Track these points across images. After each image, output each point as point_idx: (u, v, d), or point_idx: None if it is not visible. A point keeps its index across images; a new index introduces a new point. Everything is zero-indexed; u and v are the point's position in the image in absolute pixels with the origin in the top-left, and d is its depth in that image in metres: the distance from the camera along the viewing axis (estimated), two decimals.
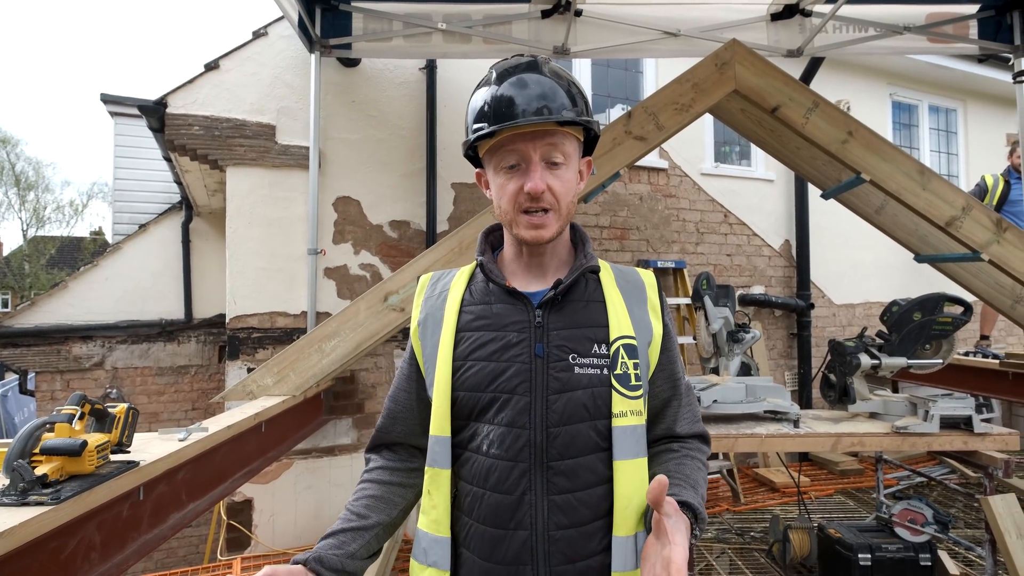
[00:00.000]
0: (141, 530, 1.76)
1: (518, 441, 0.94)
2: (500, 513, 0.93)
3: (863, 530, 2.90)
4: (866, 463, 5.08)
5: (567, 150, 0.99)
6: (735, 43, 3.12)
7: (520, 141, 0.96)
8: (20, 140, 36.24)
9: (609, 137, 3.09)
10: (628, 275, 1.10)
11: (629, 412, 0.96)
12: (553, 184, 0.97)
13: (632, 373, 0.97)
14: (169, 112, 3.68)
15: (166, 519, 1.90)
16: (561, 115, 0.94)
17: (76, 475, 1.45)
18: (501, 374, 0.97)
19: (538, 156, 0.97)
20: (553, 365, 0.97)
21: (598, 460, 0.95)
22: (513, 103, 0.94)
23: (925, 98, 6.36)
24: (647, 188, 5.07)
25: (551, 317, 1.00)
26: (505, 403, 0.96)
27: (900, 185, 2.99)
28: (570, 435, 0.94)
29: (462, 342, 1.01)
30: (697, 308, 2.88)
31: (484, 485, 0.95)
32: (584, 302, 1.03)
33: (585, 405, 0.95)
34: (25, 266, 28.00)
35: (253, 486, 3.62)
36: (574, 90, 0.99)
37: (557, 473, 0.93)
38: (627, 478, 0.94)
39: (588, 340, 0.98)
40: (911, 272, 5.84)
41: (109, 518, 1.59)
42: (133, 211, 6.61)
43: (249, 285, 3.72)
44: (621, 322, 1.00)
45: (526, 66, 0.99)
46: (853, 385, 2.72)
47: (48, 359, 5.64)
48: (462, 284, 1.09)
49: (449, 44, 3.83)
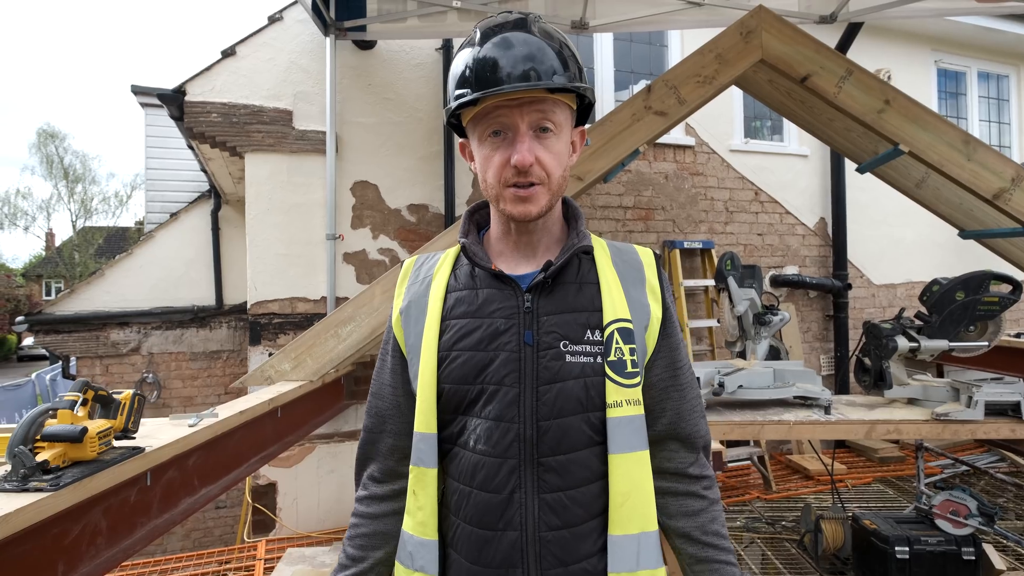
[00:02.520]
0: (151, 515, 1.77)
1: (506, 436, 0.88)
2: (488, 513, 0.88)
3: (901, 521, 2.76)
4: (907, 450, 4.87)
5: (558, 119, 0.90)
6: (761, 9, 2.94)
7: (506, 109, 0.88)
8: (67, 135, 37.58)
9: (628, 112, 2.97)
10: (625, 253, 1.02)
11: (625, 401, 0.89)
12: (542, 156, 0.89)
13: (628, 359, 0.90)
14: (188, 100, 3.70)
15: (177, 504, 1.91)
16: (552, 80, 0.86)
17: (79, 461, 1.45)
18: (488, 364, 0.91)
19: (526, 125, 0.88)
20: (543, 354, 0.90)
21: (592, 455, 0.89)
22: (497, 66, 0.86)
23: (974, 64, 5.95)
24: (673, 166, 4.90)
25: (541, 302, 0.93)
26: (492, 395, 0.90)
27: (942, 156, 2.79)
28: (562, 429, 0.88)
29: (447, 331, 0.95)
30: (721, 289, 2.76)
31: (471, 483, 0.90)
32: (577, 284, 0.95)
33: (577, 396, 0.89)
34: (75, 256, 29.22)
35: (276, 470, 3.67)
36: (566, 52, 0.90)
37: (548, 470, 0.87)
38: (623, 473, 0.87)
39: (580, 326, 0.91)
40: (956, 250, 5.54)
41: (116, 503, 1.59)
42: (165, 200, 6.76)
43: (269, 271, 3.74)
44: (616, 305, 0.93)
45: (513, 24, 0.89)
46: (889, 369, 2.57)
47: (88, 344, 5.84)
48: (447, 268, 1.02)
49: (465, 22, 3.74)
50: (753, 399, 2.67)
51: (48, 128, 31.83)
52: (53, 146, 30.61)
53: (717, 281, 2.73)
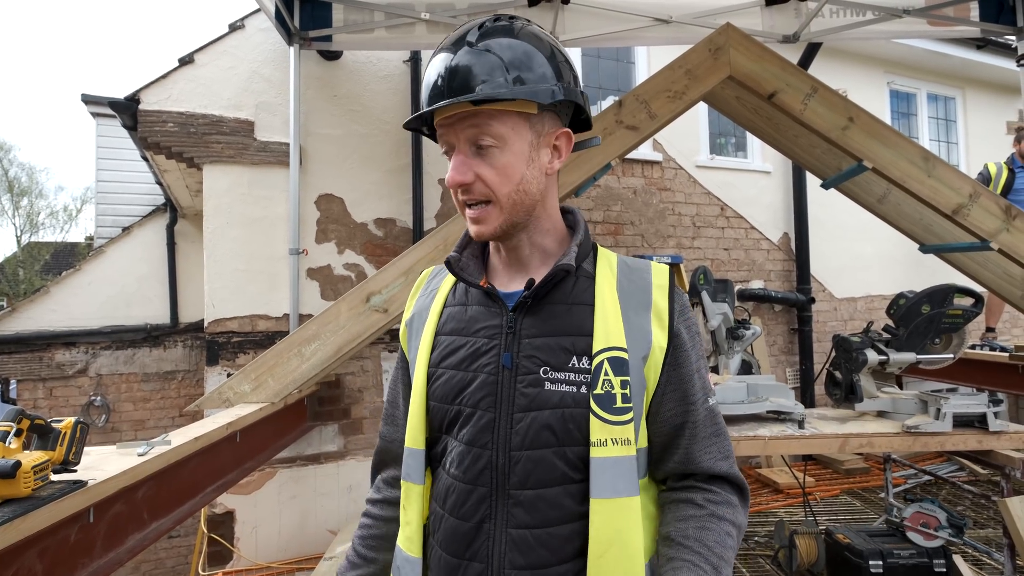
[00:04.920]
0: (94, 555, 1.62)
1: (478, 462, 0.83)
2: (456, 540, 0.83)
3: (873, 535, 2.77)
4: (872, 461, 4.95)
5: (498, 131, 0.82)
6: (729, 27, 2.99)
7: (445, 127, 0.85)
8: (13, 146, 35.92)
9: (599, 127, 2.96)
10: (635, 272, 0.92)
11: (611, 440, 0.80)
12: (483, 172, 0.83)
13: (618, 393, 0.81)
14: (142, 109, 3.54)
15: (124, 541, 1.76)
16: (476, 92, 0.79)
17: (11, 499, 1.32)
18: (468, 385, 0.86)
19: (463, 142, 0.84)
20: (521, 378, 0.84)
21: (565, 494, 0.81)
22: (431, 83, 0.83)
23: (923, 86, 6.23)
24: (641, 182, 4.93)
25: (525, 322, 0.87)
26: (468, 418, 0.85)
27: (904, 172, 2.86)
28: (532, 461, 0.81)
29: (437, 347, 0.92)
30: (695, 304, 2.75)
31: (443, 506, 0.86)
32: (567, 305, 0.87)
33: (552, 428, 0.81)
34: (19, 272, 27.79)
35: (234, 497, 3.47)
36: (513, 56, 0.81)
37: (517, 504, 0.81)
38: (605, 520, 0.79)
39: (565, 351, 0.84)
40: (913, 264, 5.72)
41: (53, 544, 1.45)
42: (117, 214, 6.46)
43: (228, 287, 3.58)
44: (611, 331, 0.84)
45: (463, 34, 0.83)
46: (860, 382, 2.59)
47: (30, 366, 5.50)
48: (450, 281, 0.99)
49: (433, 35, 3.69)
50: (728, 414, 2.65)
51: None
52: None
53: (691, 295, 2.72)
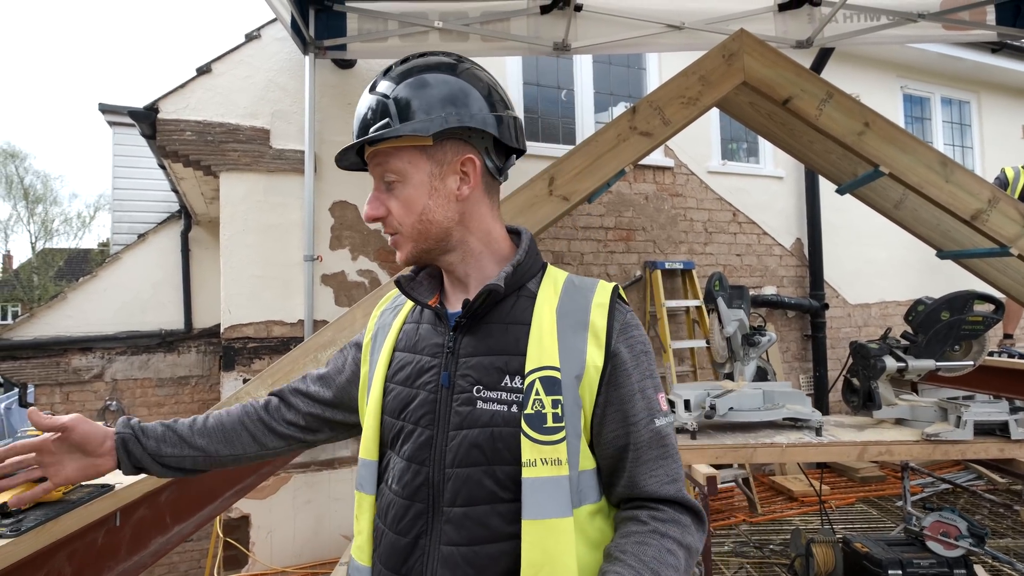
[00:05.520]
0: (119, 558, 1.64)
1: (416, 479, 0.86)
2: (394, 555, 0.86)
3: (892, 544, 2.74)
4: (888, 470, 4.90)
5: (397, 166, 0.88)
6: (743, 33, 2.98)
7: (369, 164, 0.93)
8: (28, 154, 36.53)
9: (613, 133, 2.96)
10: (578, 291, 0.90)
11: (540, 460, 0.79)
12: (390, 206, 0.90)
13: (549, 413, 0.80)
14: (160, 118, 3.58)
15: (147, 544, 1.78)
16: (368, 133, 0.87)
17: (42, 502, 1.33)
18: (411, 402, 0.89)
19: (377, 178, 0.92)
20: (456, 397, 0.86)
21: (494, 513, 0.81)
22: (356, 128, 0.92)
23: (937, 90, 6.18)
24: (653, 187, 4.93)
25: (464, 341, 0.89)
26: (409, 435, 0.88)
27: (922, 177, 2.83)
28: (461, 479, 0.83)
29: (392, 363, 0.95)
30: (710, 310, 2.74)
31: (385, 521, 0.89)
32: (503, 324, 0.88)
33: (480, 446, 0.82)
34: (34, 278, 28.16)
35: (250, 502, 3.49)
36: (405, 93, 0.86)
37: (448, 521, 0.82)
38: (535, 542, 0.77)
39: (498, 370, 0.85)
40: (927, 270, 5.67)
41: (81, 547, 1.47)
42: (132, 220, 6.54)
43: (244, 294, 3.61)
44: (544, 350, 0.83)
45: (379, 78, 0.91)
46: (878, 390, 2.57)
47: (47, 371, 5.56)
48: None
49: (446, 43, 3.72)
50: (744, 421, 2.64)
51: (8, 148, 30.83)
52: (13, 166, 29.69)
53: (707, 302, 2.71)
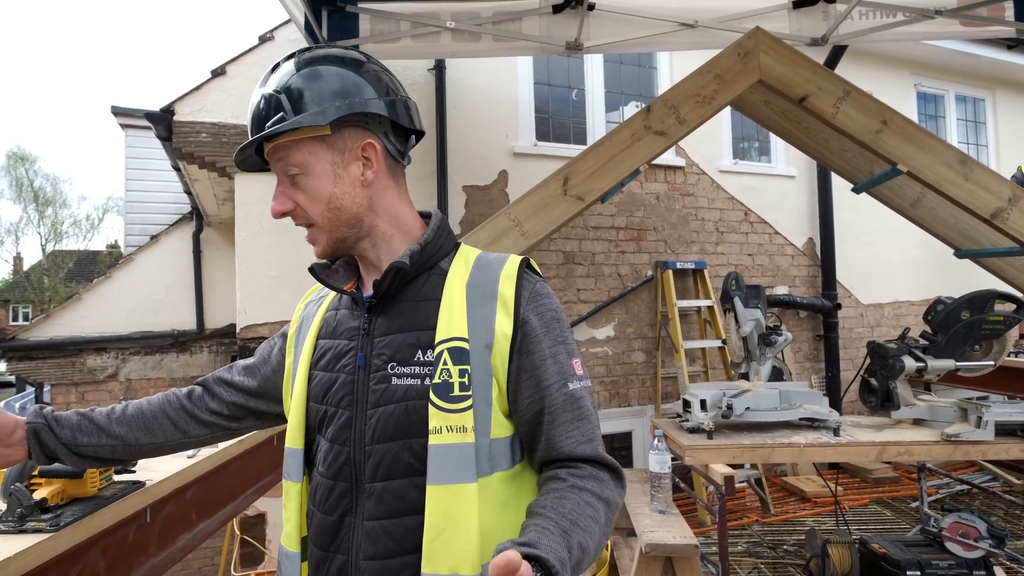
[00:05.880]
0: (149, 553, 1.66)
1: (339, 458, 0.88)
2: (323, 534, 0.88)
3: (909, 544, 2.72)
4: (901, 471, 4.86)
5: (298, 159, 0.87)
6: (759, 31, 2.97)
7: (269, 160, 0.92)
8: (38, 157, 36.82)
9: (627, 133, 2.96)
10: (488, 266, 0.92)
11: (446, 428, 0.81)
12: (297, 198, 0.90)
13: (456, 382, 0.82)
14: (176, 120, 3.61)
15: (175, 540, 1.80)
16: (264, 129, 0.86)
17: (78, 498, 1.36)
18: (332, 385, 0.91)
19: (279, 173, 0.91)
20: (372, 376, 0.88)
21: (411, 485, 0.83)
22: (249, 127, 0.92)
23: (951, 88, 6.13)
24: (664, 187, 4.91)
25: (377, 322, 0.91)
26: (332, 417, 0.90)
27: (940, 176, 2.82)
28: (380, 455, 0.85)
29: (316, 351, 0.96)
30: (727, 310, 2.73)
31: (314, 502, 0.91)
32: (414, 302, 0.90)
33: (398, 421, 0.84)
34: (45, 280, 28.41)
35: (267, 499, 3.50)
36: (295, 85, 0.86)
37: (369, 496, 0.85)
38: (437, 506, 0.79)
39: (411, 346, 0.86)
40: (941, 269, 5.63)
41: (114, 542, 1.49)
42: (145, 223, 6.59)
43: (260, 294, 3.63)
44: (454, 323, 0.85)
45: (264, 77, 0.91)
46: (896, 390, 2.55)
47: (63, 371, 5.61)
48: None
49: (458, 43, 3.73)
50: (760, 421, 2.63)
51: (18, 151, 31.13)
52: (23, 169, 29.96)
53: (723, 302, 2.71)
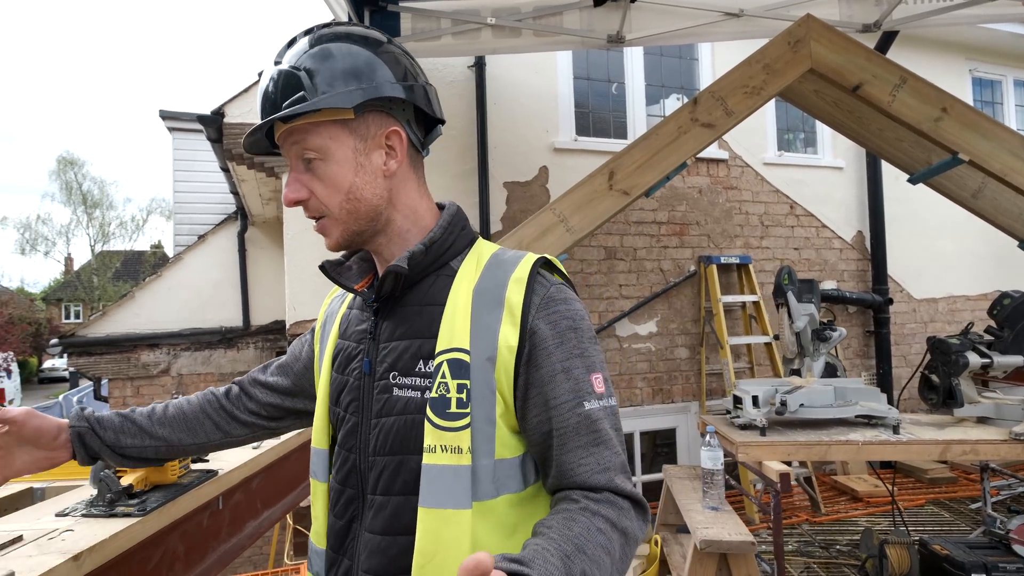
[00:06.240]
0: (220, 539, 1.72)
1: (346, 465, 0.86)
2: (334, 537, 0.86)
3: (973, 547, 2.63)
4: (959, 471, 4.69)
5: (317, 143, 0.80)
6: (810, 18, 2.90)
7: (280, 143, 0.84)
8: (86, 161, 38.37)
9: (674, 126, 2.92)
10: (498, 266, 0.83)
11: (440, 447, 0.74)
12: (313, 187, 0.82)
13: (453, 397, 0.75)
14: (226, 122, 3.71)
15: (243, 528, 1.86)
16: (282, 110, 0.77)
17: (159, 485, 1.42)
18: (343, 389, 0.88)
19: (293, 158, 0.83)
20: (376, 384, 0.83)
21: (408, 505, 0.77)
22: (260, 105, 0.82)
23: (1010, 72, 5.85)
24: (707, 180, 4.83)
25: (384, 325, 0.85)
26: (342, 422, 0.88)
27: (1005, 164, 2.70)
28: (380, 467, 0.81)
29: (336, 350, 0.93)
30: (779, 305, 2.68)
31: (328, 504, 0.90)
32: (420, 307, 0.83)
33: (398, 434, 0.79)
34: (94, 279, 29.61)
35: None
36: (318, 64, 0.78)
37: (370, 507, 0.82)
38: (428, 530, 0.73)
39: (413, 355, 0.81)
40: (999, 262, 5.40)
41: (191, 528, 1.55)
42: (192, 223, 6.80)
43: (308, 290, 3.71)
44: (456, 332, 0.78)
45: (278, 52, 0.83)
46: (959, 386, 2.46)
47: (119, 366, 5.84)
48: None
49: (499, 39, 3.73)
50: (815, 417, 2.57)
51: (67, 155, 32.46)
52: (72, 173, 31.24)
53: (776, 296, 2.65)
